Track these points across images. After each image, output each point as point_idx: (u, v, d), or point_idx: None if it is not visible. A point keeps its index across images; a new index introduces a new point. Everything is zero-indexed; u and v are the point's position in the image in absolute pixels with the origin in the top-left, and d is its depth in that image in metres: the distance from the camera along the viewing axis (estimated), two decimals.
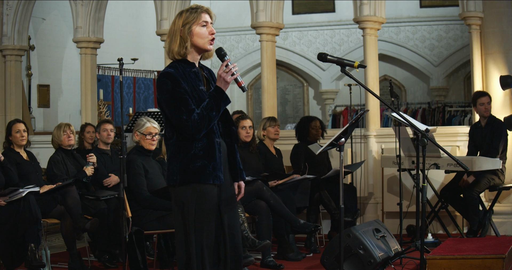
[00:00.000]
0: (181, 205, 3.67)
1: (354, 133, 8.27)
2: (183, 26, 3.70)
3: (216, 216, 3.72)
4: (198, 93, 3.69)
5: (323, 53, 4.22)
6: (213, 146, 3.68)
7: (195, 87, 3.69)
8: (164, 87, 3.65)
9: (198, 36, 3.71)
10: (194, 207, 3.64)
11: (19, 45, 9.88)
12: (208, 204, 3.66)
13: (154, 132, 6.09)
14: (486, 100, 7.40)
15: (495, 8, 8.02)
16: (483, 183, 7.15)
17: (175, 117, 3.62)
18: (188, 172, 3.64)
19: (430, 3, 14.46)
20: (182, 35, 3.70)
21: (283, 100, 16.06)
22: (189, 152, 3.64)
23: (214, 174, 3.66)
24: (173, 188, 3.70)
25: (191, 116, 3.59)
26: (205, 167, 3.64)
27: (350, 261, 5.52)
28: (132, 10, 13.42)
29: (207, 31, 3.72)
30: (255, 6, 8.88)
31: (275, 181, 6.96)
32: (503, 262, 5.27)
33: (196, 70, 3.77)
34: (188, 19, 3.71)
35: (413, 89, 15.35)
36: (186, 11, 3.74)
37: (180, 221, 3.68)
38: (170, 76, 3.66)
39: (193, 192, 3.65)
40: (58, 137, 6.82)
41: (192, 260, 3.64)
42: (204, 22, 3.72)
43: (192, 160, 3.64)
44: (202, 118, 3.60)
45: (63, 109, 12.15)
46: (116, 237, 6.29)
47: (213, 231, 3.70)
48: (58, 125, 6.93)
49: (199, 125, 3.60)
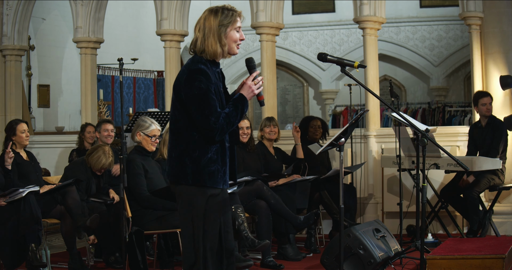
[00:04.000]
0: (190, 208, 3.67)
1: (354, 133, 8.27)
2: (219, 27, 3.66)
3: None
4: (221, 95, 3.69)
5: (323, 53, 4.22)
6: (224, 151, 3.70)
7: (218, 88, 3.69)
8: (198, 84, 3.59)
9: (231, 40, 3.70)
10: (203, 213, 3.65)
11: (19, 45, 9.88)
12: (215, 209, 3.69)
13: (158, 134, 6.11)
14: (488, 100, 7.40)
15: (495, 8, 8.02)
16: (483, 183, 7.15)
17: (203, 117, 3.57)
18: (203, 175, 3.63)
19: (430, 3, 14.47)
20: (218, 37, 3.67)
21: (283, 100, 16.06)
22: (206, 154, 3.63)
23: (224, 179, 3.70)
24: (182, 187, 3.68)
25: (218, 119, 3.57)
26: (218, 172, 3.66)
27: (350, 261, 5.52)
28: (132, 10, 13.42)
29: (238, 36, 3.73)
30: (255, 6, 8.88)
31: (275, 182, 6.96)
32: (503, 262, 5.27)
33: (220, 70, 3.79)
34: (224, 22, 3.67)
35: (413, 89, 15.36)
36: (221, 12, 3.68)
37: (189, 223, 3.68)
38: (205, 74, 3.62)
39: (203, 197, 3.65)
40: (95, 165, 6.44)
41: (198, 263, 3.67)
42: (238, 27, 3.72)
43: (208, 164, 3.63)
44: (228, 123, 3.60)
45: (63, 109, 12.15)
46: (116, 237, 6.28)
47: (218, 234, 3.72)
48: (104, 151, 6.42)
49: (224, 130, 3.60)
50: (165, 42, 9.24)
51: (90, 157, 6.48)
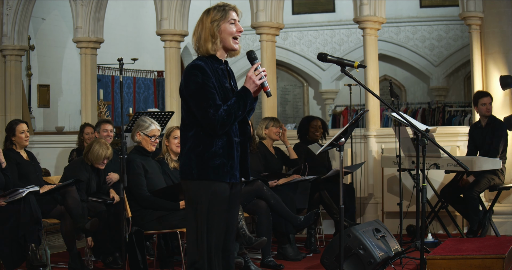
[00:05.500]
0: (194, 204, 3.70)
1: (354, 133, 8.27)
2: (211, 23, 3.70)
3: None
4: (224, 90, 3.71)
5: (323, 53, 4.22)
6: (232, 145, 3.71)
7: (221, 83, 3.72)
8: (193, 78, 3.65)
9: (226, 33, 3.72)
10: (207, 208, 3.67)
11: (19, 45, 9.88)
12: (220, 204, 3.70)
13: (158, 134, 6.11)
14: (488, 100, 7.40)
15: (495, 8, 8.02)
16: (483, 183, 7.15)
17: (202, 110, 3.62)
18: (207, 169, 3.66)
19: (430, 3, 14.47)
20: (211, 32, 3.70)
21: (283, 100, 16.06)
22: (209, 148, 3.66)
23: (231, 173, 3.70)
24: (188, 182, 3.71)
25: (218, 111, 3.60)
26: (224, 166, 3.67)
27: (350, 261, 5.52)
28: (132, 10, 13.41)
29: (235, 29, 3.74)
30: (255, 6, 8.88)
31: (275, 181, 6.96)
32: (503, 262, 5.27)
33: (223, 67, 3.80)
34: (216, 17, 3.71)
35: (413, 89, 15.36)
36: (213, 9, 3.74)
37: (193, 219, 3.70)
38: (201, 69, 3.66)
39: (207, 191, 3.67)
40: (96, 159, 6.46)
41: (202, 259, 3.67)
42: (232, 20, 3.73)
43: (212, 157, 3.66)
44: (229, 115, 3.62)
45: (63, 109, 12.14)
46: (116, 237, 6.28)
47: (223, 231, 3.73)
48: (100, 144, 6.44)
49: (225, 122, 3.61)
50: (165, 42, 9.24)
51: (89, 154, 6.47)
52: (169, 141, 6.20)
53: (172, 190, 5.84)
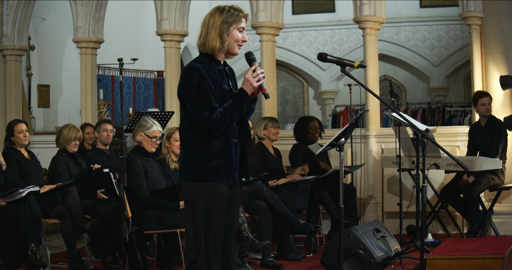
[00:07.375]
0: (192, 205, 3.71)
1: (354, 133, 8.27)
2: (222, 24, 3.70)
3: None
4: (221, 92, 3.72)
5: (323, 53, 4.22)
6: (230, 146, 3.71)
7: (218, 85, 3.72)
8: (189, 81, 3.66)
9: (232, 39, 3.73)
10: (205, 208, 3.68)
11: (19, 45, 9.88)
12: (219, 204, 3.70)
13: (159, 136, 6.11)
14: (487, 100, 7.40)
15: (495, 8, 8.02)
16: (483, 183, 7.15)
17: (197, 112, 3.63)
18: (204, 170, 3.67)
19: (430, 3, 14.47)
20: (220, 33, 3.71)
21: (283, 100, 16.07)
22: (207, 149, 3.67)
23: (229, 174, 3.70)
24: (187, 183, 3.73)
25: (213, 113, 3.61)
26: (222, 166, 3.68)
27: (350, 261, 5.52)
28: (132, 10, 13.42)
29: (240, 37, 3.75)
30: (255, 6, 8.88)
31: (275, 181, 6.96)
32: (503, 262, 5.27)
33: (221, 68, 3.80)
34: (229, 19, 3.71)
35: (413, 89, 15.36)
36: (227, 11, 3.73)
37: (191, 220, 3.72)
38: (196, 71, 3.67)
39: (205, 192, 3.68)
40: (67, 141, 6.72)
41: (200, 259, 3.67)
42: (241, 28, 3.75)
43: (209, 158, 3.67)
44: (225, 117, 3.62)
45: (63, 109, 12.14)
46: (116, 237, 6.28)
47: (222, 231, 3.73)
48: (69, 128, 6.78)
49: (220, 124, 3.62)
50: (165, 42, 9.24)
51: (60, 138, 6.73)
52: (170, 142, 6.20)
53: (172, 190, 5.84)
